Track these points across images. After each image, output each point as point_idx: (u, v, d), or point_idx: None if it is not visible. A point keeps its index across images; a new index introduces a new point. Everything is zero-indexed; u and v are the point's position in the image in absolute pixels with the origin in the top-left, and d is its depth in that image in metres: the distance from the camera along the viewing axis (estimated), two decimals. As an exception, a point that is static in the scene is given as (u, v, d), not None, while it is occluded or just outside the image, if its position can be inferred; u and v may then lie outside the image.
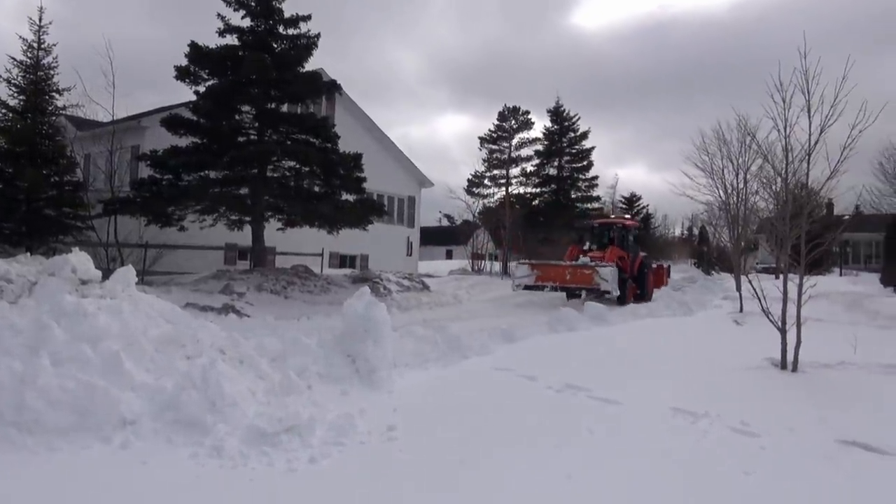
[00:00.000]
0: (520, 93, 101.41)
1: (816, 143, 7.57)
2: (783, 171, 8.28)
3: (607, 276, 14.42)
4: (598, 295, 14.51)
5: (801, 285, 7.60)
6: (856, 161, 7.94)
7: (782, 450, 4.68)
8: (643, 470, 4.22)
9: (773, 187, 11.02)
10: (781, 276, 8.05)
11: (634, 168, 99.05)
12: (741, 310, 13.94)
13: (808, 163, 7.71)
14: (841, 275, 37.65)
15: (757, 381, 6.98)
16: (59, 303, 5.07)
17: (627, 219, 19.85)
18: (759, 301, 8.08)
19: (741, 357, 8.06)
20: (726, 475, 4.16)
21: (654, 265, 19.66)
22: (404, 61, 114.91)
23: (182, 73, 16.19)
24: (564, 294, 16.35)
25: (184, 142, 16.20)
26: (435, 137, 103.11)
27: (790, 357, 7.41)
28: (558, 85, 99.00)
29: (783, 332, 7.54)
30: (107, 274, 6.26)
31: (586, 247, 17.88)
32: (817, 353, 7.69)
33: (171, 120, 16.17)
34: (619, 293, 14.92)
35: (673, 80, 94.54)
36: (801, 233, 7.79)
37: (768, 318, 7.87)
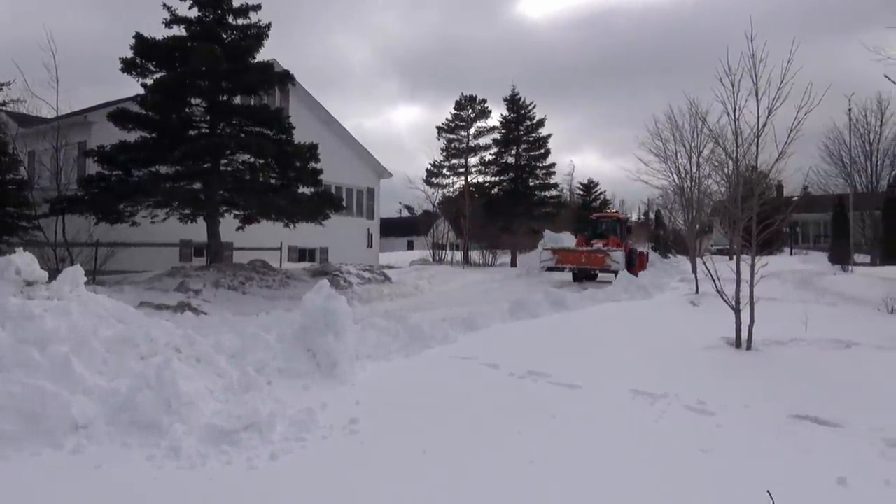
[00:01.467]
0: (467, 83, 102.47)
1: (765, 125, 7.76)
2: (734, 154, 8.46)
3: (617, 258, 18.06)
4: (609, 272, 17.95)
5: (753, 266, 7.79)
6: (803, 143, 8.18)
7: (738, 427, 4.80)
8: (604, 452, 4.28)
9: (725, 170, 11.25)
10: (735, 258, 8.24)
11: (586, 155, 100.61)
12: (697, 291, 14.25)
13: (758, 145, 7.90)
14: (791, 254, 38.86)
15: (713, 361, 7.14)
16: (2, 306, 4.89)
17: (620, 214, 25.08)
18: (714, 282, 8.26)
19: (697, 337, 8.23)
20: (684, 454, 4.24)
21: (639, 251, 22.81)
22: (351, 52, 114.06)
23: (128, 66, 15.73)
24: (571, 275, 19.73)
25: (133, 136, 15.75)
26: (387, 129, 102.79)
27: (744, 336, 7.60)
28: (506, 74, 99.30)
29: (737, 311, 7.72)
30: (55, 274, 6.06)
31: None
32: (770, 331, 7.91)
33: (119, 114, 15.70)
34: (625, 269, 17.82)
35: (619, 67, 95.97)
36: (752, 214, 7.98)
37: (723, 298, 8.05)
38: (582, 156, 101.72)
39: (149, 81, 16.03)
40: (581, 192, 55.65)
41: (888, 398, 5.66)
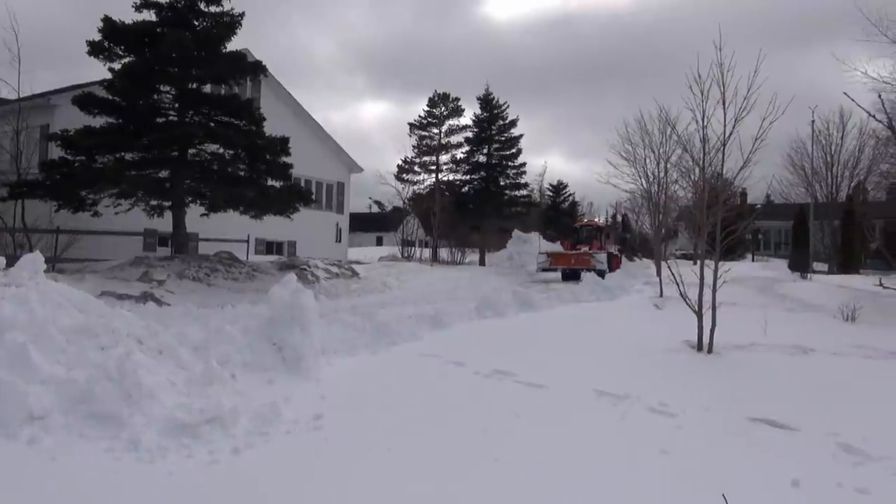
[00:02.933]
0: (432, 81, 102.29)
1: (731, 133, 7.91)
2: (701, 161, 8.61)
3: (602, 259, 20.51)
4: (596, 271, 19.38)
5: (716, 271, 7.94)
6: (767, 152, 8.36)
7: (698, 428, 4.89)
8: (567, 451, 4.32)
9: (692, 176, 11.46)
10: (698, 262, 8.38)
11: (550, 157, 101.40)
12: (661, 294, 14.48)
13: (724, 153, 8.05)
14: (753, 261, 39.74)
15: (675, 363, 7.26)
16: (-43, 292, 4.74)
17: (599, 222, 28.59)
18: (678, 286, 8.40)
19: (660, 340, 8.37)
20: (645, 454, 4.31)
21: (614, 254, 24.86)
22: (316, 46, 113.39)
23: (96, 49, 15.34)
24: (560, 275, 21.65)
25: (98, 122, 15.36)
26: (354, 124, 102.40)
27: (706, 340, 7.74)
28: (469, 74, 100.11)
29: (699, 315, 7.86)
30: (13, 261, 5.89)
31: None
32: (731, 336, 8.07)
33: (84, 98, 15.30)
34: (608, 269, 20.07)
35: (582, 71, 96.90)
36: (716, 220, 8.13)
37: (686, 302, 8.19)
38: (546, 157, 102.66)
39: (116, 66, 15.66)
40: (550, 194, 56.03)
41: (842, 403, 5.82)
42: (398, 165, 39.58)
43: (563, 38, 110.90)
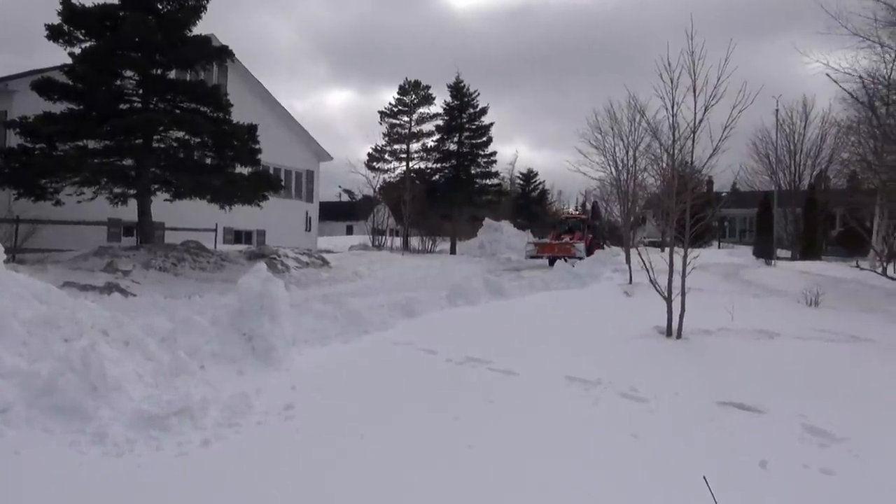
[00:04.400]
0: (396, 70, 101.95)
1: (701, 121, 7.97)
2: (670, 148, 8.68)
3: (580, 248, 22.60)
4: (575, 258, 20.91)
5: (685, 258, 8.03)
6: (734, 141, 8.44)
7: (668, 413, 4.95)
8: (540, 437, 4.35)
9: (661, 164, 11.57)
10: (667, 249, 8.47)
11: (515, 146, 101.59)
12: (630, 281, 14.61)
13: (693, 141, 8.12)
14: (719, 248, 40.44)
15: (645, 349, 7.34)
16: (-89, 283, 4.57)
17: (582, 215, 31.11)
18: (647, 273, 8.48)
19: (631, 326, 8.45)
20: (617, 439, 4.35)
21: (596, 242, 27.25)
22: (279, 33, 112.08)
23: (55, 33, 14.91)
24: (547, 261, 23.01)
25: (59, 108, 14.95)
26: (318, 112, 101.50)
27: (675, 325, 7.84)
28: (432, 63, 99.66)
29: (668, 301, 7.96)
30: (-31, 251, 5.70)
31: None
32: (699, 321, 8.18)
33: (44, 84, 14.87)
34: (585, 256, 21.11)
35: (544, 60, 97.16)
36: (685, 208, 8.22)
37: (655, 288, 8.28)
38: (511, 146, 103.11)
39: (77, 50, 15.23)
40: (521, 182, 56.22)
41: (807, 386, 5.95)
42: (369, 154, 39.40)
43: (524, 26, 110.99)
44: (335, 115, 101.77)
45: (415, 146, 38.02)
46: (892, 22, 16.72)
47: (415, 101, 37.81)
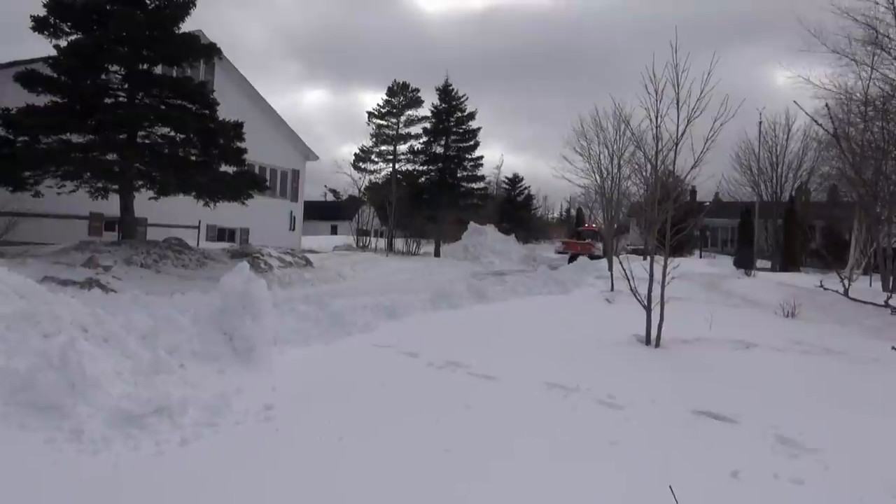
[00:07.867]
0: (374, 72, 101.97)
1: (683, 133, 8.09)
2: (653, 158, 8.79)
3: (599, 248, 29.43)
4: (593, 256, 27.16)
5: (665, 266, 8.13)
6: (716, 152, 8.58)
7: (644, 420, 5.02)
8: (518, 442, 4.39)
9: (644, 173, 11.69)
10: (649, 258, 8.57)
11: (491, 150, 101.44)
12: (612, 289, 14.74)
13: (676, 151, 8.23)
14: (700, 257, 40.76)
15: (624, 357, 7.43)
16: None
17: (594, 227, 34.87)
18: (628, 281, 8.58)
19: (610, 333, 8.54)
20: (594, 445, 4.41)
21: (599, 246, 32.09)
22: (254, 33, 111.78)
23: (40, 25, 14.74)
24: (568, 257, 29.31)
25: (42, 100, 14.78)
26: (297, 112, 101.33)
27: (654, 334, 7.94)
28: (398, 66, 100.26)
29: (648, 310, 8.05)
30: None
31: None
32: (678, 330, 8.29)
33: (27, 76, 14.67)
34: (602, 255, 24.51)
35: (515, 65, 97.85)
36: (667, 217, 8.33)
37: (636, 297, 8.37)
38: (488, 151, 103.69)
39: (63, 43, 15.07)
40: (506, 187, 56.43)
41: (782, 397, 6.05)
42: (355, 154, 39.40)
43: (491, 32, 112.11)
44: (315, 117, 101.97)
45: (402, 148, 38.06)
46: (870, 41, 17.03)
47: (403, 103, 37.85)
